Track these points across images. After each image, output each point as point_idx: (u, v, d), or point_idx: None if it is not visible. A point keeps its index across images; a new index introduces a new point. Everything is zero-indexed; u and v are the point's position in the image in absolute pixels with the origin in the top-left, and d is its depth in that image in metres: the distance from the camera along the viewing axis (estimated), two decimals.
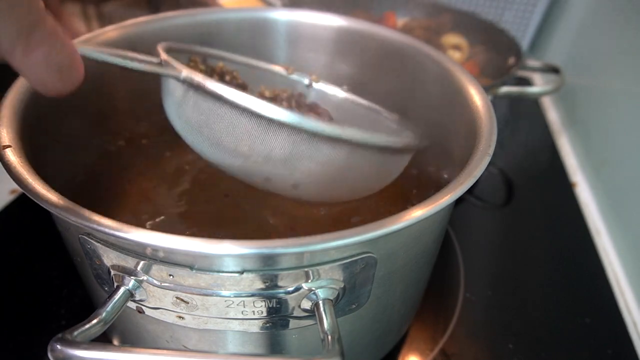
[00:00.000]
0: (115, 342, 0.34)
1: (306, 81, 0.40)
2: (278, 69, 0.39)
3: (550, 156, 0.65)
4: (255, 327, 0.24)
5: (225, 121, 0.25)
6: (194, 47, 0.35)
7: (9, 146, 0.24)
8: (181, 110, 0.27)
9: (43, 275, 0.42)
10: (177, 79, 0.26)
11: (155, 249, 0.21)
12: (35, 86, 0.21)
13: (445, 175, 0.35)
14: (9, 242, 0.45)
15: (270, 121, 0.24)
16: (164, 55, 0.27)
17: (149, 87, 0.32)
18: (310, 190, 0.28)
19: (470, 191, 0.25)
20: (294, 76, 0.39)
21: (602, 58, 0.66)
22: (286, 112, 0.23)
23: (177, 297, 0.23)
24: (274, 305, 0.23)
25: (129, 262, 0.22)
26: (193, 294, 0.22)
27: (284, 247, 0.20)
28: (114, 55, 0.25)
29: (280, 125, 0.24)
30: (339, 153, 0.26)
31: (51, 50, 0.20)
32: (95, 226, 0.20)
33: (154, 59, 0.27)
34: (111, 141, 0.39)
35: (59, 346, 0.18)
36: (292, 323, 0.25)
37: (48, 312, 0.39)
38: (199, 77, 0.25)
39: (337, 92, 0.40)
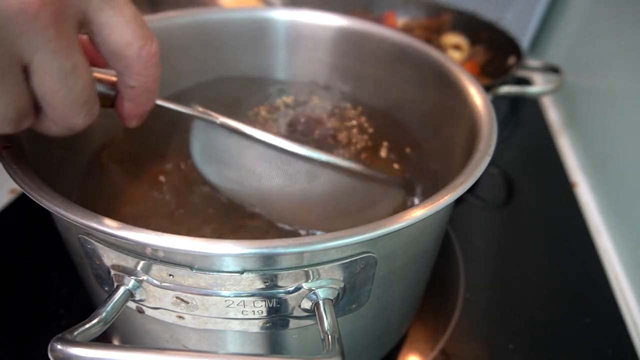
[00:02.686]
0: (115, 342, 0.34)
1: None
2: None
3: (550, 156, 0.65)
4: (255, 327, 0.24)
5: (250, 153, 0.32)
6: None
7: (9, 146, 0.24)
8: (211, 151, 0.33)
9: (43, 275, 0.42)
10: (214, 123, 0.32)
11: (155, 249, 0.21)
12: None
13: (445, 175, 0.35)
14: (8, 242, 0.45)
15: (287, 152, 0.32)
16: (200, 109, 0.32)
17: None
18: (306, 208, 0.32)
19: (470, 191, 0.25)
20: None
21: (602, 58, 0.66)
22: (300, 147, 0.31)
23: (177, 297, 0.23)
24: (274, 305, 0.23)
25: (129, 262, 0.22)
26: (193, 293, 0.22)
27: (284, 247, 0.20)
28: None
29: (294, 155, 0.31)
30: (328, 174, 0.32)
31: None
32: (95, 226, 0.20)
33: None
34: (111, 140, 0.39)
35: (59, 346, 0.18)
36: (292, 323, 0.25)
37: (48, 312, 0.39)
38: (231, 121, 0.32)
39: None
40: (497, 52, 0.66)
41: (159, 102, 0.28)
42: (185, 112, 0.31)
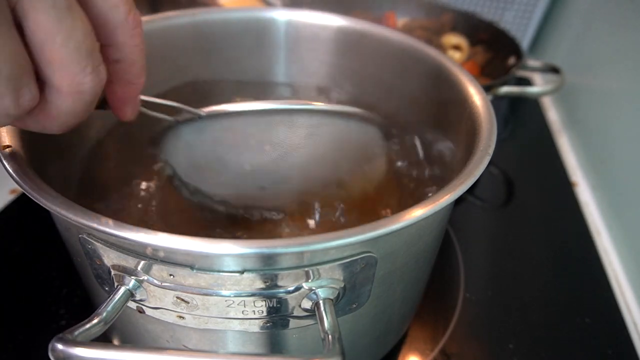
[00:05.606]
0: (116, 342, 0.34)
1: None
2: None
3: (550, 156, 0.65)
4: (255, 326, 0.24)
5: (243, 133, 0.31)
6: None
7: (9, 146, 0.24)
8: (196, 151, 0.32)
9: (43, 275, 0.42)
10: (200, 116, 0.30)
11: (156, 249, 0.21)
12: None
13: (445, 175, 0.35)
14: (9, 242, 0.45)
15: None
16: (177, 104, 0.30)
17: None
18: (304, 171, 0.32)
19: (470, 191, 0.25)
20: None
21: (602, 58, 0.66)
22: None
23: (177, 297, 0.23)
24: (274, 305, 0.23)
25: (129, 262, 0.22)
26: (193, 293, 0.22)
27: (284, 247, 0.20)
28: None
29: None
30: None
31: None
32: (95, 226, 0.20)
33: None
34: (111, 140, 0.39)
35: (59, 346, 0.18)
36: (293, 323, 0.25)
37: (48, 312, 0.39)
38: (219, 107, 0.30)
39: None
40: (497, 52, 0.66)
41: (144, 97, 0.27)
42: (169, 104, 0.29)
